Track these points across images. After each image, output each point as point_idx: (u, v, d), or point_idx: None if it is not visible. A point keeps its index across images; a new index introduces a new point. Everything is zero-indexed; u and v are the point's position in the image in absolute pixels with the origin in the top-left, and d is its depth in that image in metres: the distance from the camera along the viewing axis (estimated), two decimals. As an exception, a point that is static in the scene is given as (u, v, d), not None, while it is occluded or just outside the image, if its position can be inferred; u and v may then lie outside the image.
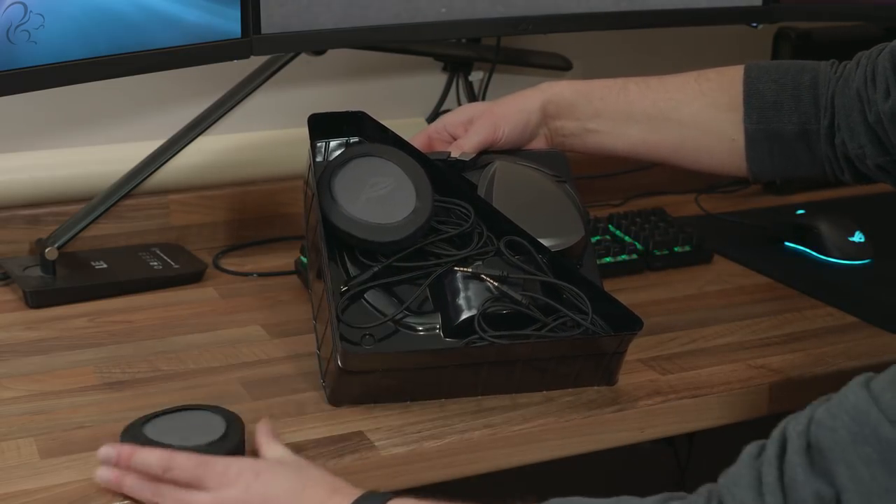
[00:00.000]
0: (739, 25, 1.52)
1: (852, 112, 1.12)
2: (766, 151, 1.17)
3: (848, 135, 1.13)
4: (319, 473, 0.92)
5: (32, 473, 0.95)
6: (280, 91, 1.50)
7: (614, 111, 1.20)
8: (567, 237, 1.12)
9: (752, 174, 1.19)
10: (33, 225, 1.41)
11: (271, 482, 0.90)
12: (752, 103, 1.17)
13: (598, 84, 1.22)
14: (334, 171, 1.09)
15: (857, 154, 1.12)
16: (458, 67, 1.64)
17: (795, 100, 1.16)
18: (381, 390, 1.05)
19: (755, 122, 1.16)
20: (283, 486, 0.90)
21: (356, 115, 1.17)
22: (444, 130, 1.21)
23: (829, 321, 1.28)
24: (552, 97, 1.21)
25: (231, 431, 0.96)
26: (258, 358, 1.17)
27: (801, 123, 1.15)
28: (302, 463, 0.93)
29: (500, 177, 1.14)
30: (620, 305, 1.08)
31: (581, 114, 1.20)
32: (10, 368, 1.14)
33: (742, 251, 1.46)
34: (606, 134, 1.21)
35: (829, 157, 1.15)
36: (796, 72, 1.17)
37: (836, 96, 1.14)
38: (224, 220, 1.50)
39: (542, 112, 1.21)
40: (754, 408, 1.14)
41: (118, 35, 1.14)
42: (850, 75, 1.14)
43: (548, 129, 1.22)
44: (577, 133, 1.21)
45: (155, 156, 1.38)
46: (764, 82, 1.17)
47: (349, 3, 1.28)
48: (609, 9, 1.42)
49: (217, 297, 1.33)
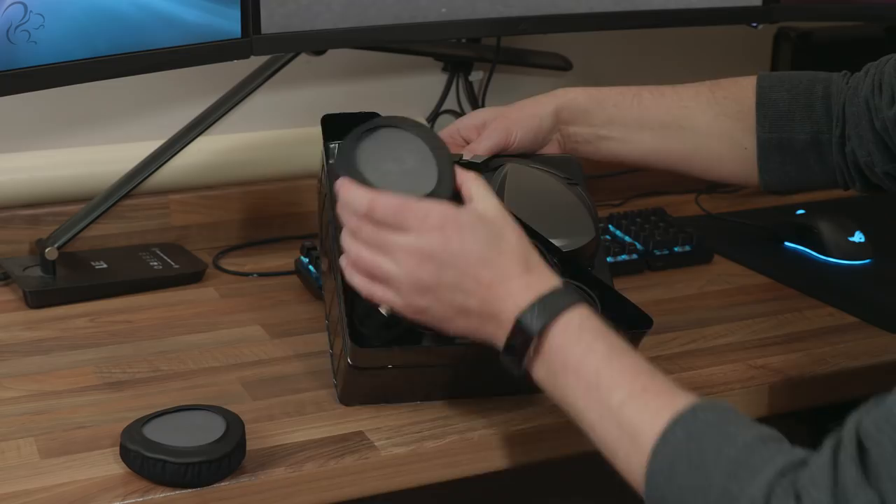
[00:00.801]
0: (739, 25, 1.52)
1: (861, 120, 1.13)
2: (777, 160, 1.17)
3: (857, 143, 1.13)
4: (516, 242, 0.93)
5: (32, 473, 0.95)
6: (280, 91, 1.50)
7: (627, 118, 1.20)
8: (578, 238, 1.12)
9: (764, 183, 1.19)
10: (33, 225, 1.41)
11: (469, 239, 0.91)
12: (765, 112, 1.17)
13: (612, 91, 1.22)
14: (358, 140, 1.03)
15: (866, 162, 1.13)
16: (458, 67, 1.64)
17: (808, 109, 1.16)
18: (390, 390, 1.05)
19: (767, 130, 1.17)
20: (478, 246, 0.91)
21: (369, 116, 1.17)
22: (457, 134, 1.21)
23: (829, 321, 1.28)
24: (566, 103, 1.21)
25: (231, 431, 0.96)
26: (258, 358, 1.17)
27: (813, 133, 1.16)
28: (502, 224, 0.93)
29: (511, 178, 1.14)
30: (631, 305, 1.07)
31: (595, 120, 1.21)
32: (10, 368, 1.14)
33: (742, 251, 1.46)
34: (619, 141, 1.21)
35: (840, 167, 1.16)
36: (809, 82, 1.18)
37: (847, 105, 1.15)
38: (224, 220, 1.50)
39: (555, 117, 1.21)
40: (754, 408, 1.14)
41: (118, 35, 1.14)
42: (859, 84, 1.15)
43: (561, 134, 1.22)
44: (591, 139, 1.21)
45: (155, 156, 1.38)
46: (777, 92, 1.18)
47: (349, 3, 1.28)
48: (609, 9, 1.42)
49: (217, 297, 1.33)
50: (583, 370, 0.87)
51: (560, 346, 0.88)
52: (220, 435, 0.95)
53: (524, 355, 0.89)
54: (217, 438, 0.95)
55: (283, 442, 1.00)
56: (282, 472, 0.96)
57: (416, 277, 0.92)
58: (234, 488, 0.94)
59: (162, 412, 0.99)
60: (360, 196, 0.94)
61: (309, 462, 0.98)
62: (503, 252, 0.92)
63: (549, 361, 0.89)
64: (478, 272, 0.91)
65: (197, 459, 0.93)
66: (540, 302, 0.89)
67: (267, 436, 1.01)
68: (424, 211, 0.92)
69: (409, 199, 0.93)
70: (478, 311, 0.92)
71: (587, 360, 0.87)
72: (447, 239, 0.91)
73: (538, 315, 0.88)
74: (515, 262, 0.92)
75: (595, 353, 0.87)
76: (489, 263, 0.91)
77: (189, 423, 0.98)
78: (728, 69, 1.82)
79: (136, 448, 0.93)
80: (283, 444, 1.00)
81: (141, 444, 0.93)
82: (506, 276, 0.91)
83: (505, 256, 0.92)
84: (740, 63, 1.82)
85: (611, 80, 1.75)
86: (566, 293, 0.90)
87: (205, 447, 0.93)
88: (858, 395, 1.21)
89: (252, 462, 0.97)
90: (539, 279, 0.91)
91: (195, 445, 0.93)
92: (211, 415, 0.98)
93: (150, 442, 0.94)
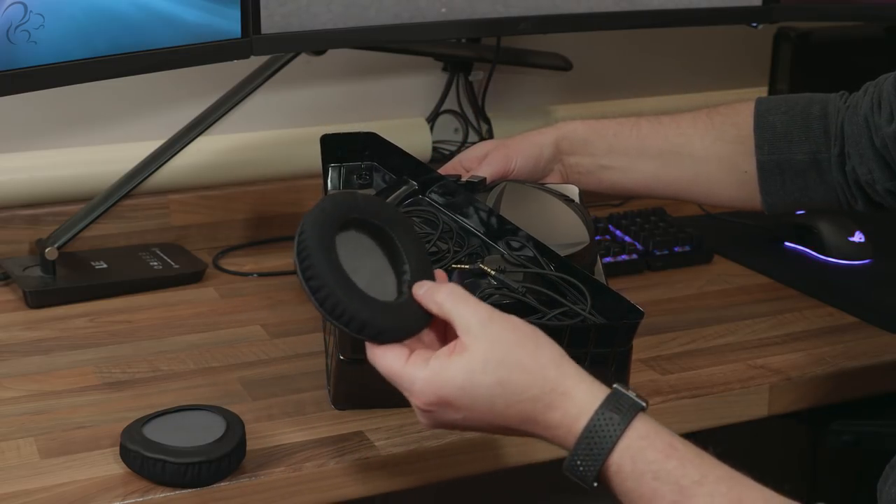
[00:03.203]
0: (739, 25, 1.52)
1: (861, 139, 1.13)
2: (778, 182, 1.18)
3: (857, 161, 1.14)
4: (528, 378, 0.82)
5: (32, 473, 0.95)
6: (280, 91, 1.50)
7: (627, 147, 1.21)
8: (572, 244, 1.12)
9: (766, 205, 1.19)
10: (33, 225, 1.41)
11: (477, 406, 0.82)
12: (763, 135, 1.18)
13: (611, 122, 1.23)
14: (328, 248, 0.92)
15: (867, 180, 1.13)
16: (458, 67, 1.64)
17: (805, 130, 1.17)
18: (381, 392, 1.04)
19: (767, 153, 1.17)
20: (488, 405, 0.82)
21: (368, 136, 1.18)
22: (459, 165, 1.22)
23: (829, 321, 1.28)
24: (566, 133, 1.22)
25: (231, 431, 0.96)
26: (258, 358, 1.17)
27: (811, 153, 1.16)
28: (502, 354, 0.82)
29: (508, 192, 1.15)
30: (623, 299, 1.07)
31: (595, 150, 1.21)
32: (10, 368, 1.14)
33: (742, 251, 1.46)
34: (620, 170, 1.22)
35: (841, 186, 1.16)
36: (806, 103, 1.19)
37: (846, 124, 1.15)
38: (224, 220, 1.50)
39: (555, 147, 1.21)
40: (754, 408, 1.14)
41: (118, 35, 1.14)
42: (857, 103, 1.15)
43: (563, 165, 1.22)
44: (592, 170, 1.22)
45: (155, 156, 1.38)
46: (774, 114, 1.18)
47: (349, 3, 1.28)
48: (609, 9, 1.42)
49: (217, 297, 1.33)
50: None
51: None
52: (220, 435, 0.95)
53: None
54: (217, 438, 0.95)
55: (282, 442, 1.00)
56: (282, 472, 0.96)
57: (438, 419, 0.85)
58: (234, 488, 0.94)
59: (162, 412, 0.99)
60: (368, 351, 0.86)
61: (309, 462, 0.98)
62: (522, 400, 0.82)
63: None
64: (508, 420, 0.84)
65: (197, 459, 0.93)
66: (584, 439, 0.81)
67: (267, 436, 1.01)
68: (409, 381, 0.84)
69: (395, 366, 0.84)
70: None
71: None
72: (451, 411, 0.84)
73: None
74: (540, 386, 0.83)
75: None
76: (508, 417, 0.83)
77: (189, 423, 0.98)
78: (728, 69, 1.84)
79: (135, 448, 0.93)
80: (283, 444, 1.00)
81: (141, 444, 0.94)
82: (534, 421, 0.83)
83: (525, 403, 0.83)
84: (740, 63, 1.83)
85: (611, 80, 1.76)
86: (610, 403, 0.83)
87: (205, 447, 0.93)
88: (858, 396, 1.22)
89: (252, 462, 0.97)
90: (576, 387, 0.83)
91: (195, 445, 0.93)
92: (211, 415, 0.99)
93: (150, 442, 0.94)
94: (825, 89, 1.21)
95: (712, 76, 1.83)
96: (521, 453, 1.04)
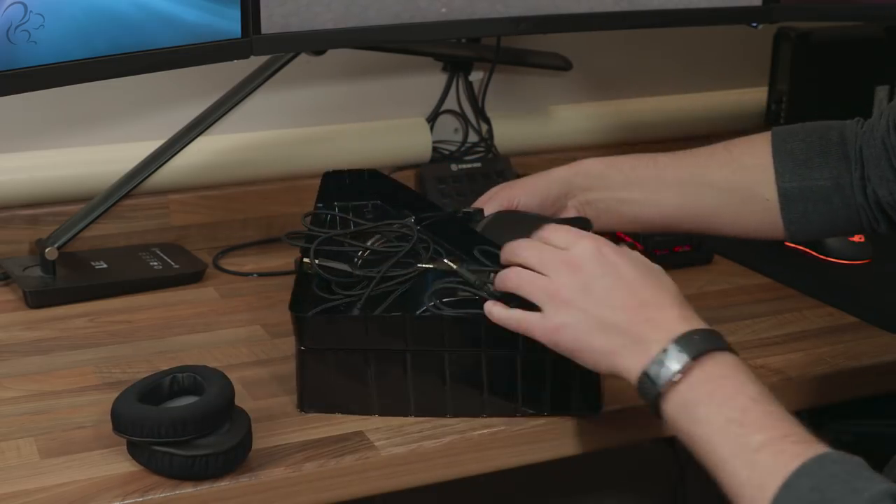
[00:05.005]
0: (739, 25, 1.52)
1: (880, 161, 1.13)
2: (801, 209, 1.17)
3: (878, 183, 1.14)
4: (672, 282, 0.95)
5: (32, 473, 0.95)
6: (280, 91, 1.50)
7: (646, 179, 1.20)
8: None
9: (790, 233, 1.18)
10: (33, 225, 1.41)
11: (626, 260, 0.94)
12: (784, 163, 1.17)
13: (627, 157, 1.22)
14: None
15: (889, 202, 1.13)
16: (458, 67, 1.64)
17: (825, 155, 1.16)
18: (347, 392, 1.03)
19: (788, 180, 1.16)
20: (635, 268, 0.94)
21: (373, 174, 1.19)
22: None
23: (829, 321, 1.28)
24: (581, 170, 1.21)
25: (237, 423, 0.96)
26: (258, 358, 1.17)
27: (833, 178, 1.16)
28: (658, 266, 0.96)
29: (496, 216, 1.14)
30: None
31: (612, 183, 1.20)
32: (10, 368, 1.14)
33: (742, 251, 1.46)
34: (640, 203, 1.20)
35: (864, 209, 1.16)
36: (823, 129, 1.18)
37: (864, 148, 1.15)
38: (224, 220, 1.50)
39: (567, 184, 1.20)
40: (754, 408, 1.14)
41: (118, 35, 1.14)
42: (874, 126, 1.15)
43: (577, 201, 1.20)
44: (611, 204, 1.20)
45: (155, 156, 1.38)
46: (792, 142, 1.18)
47: (349, 3, 1.28)
48: (609, 9, 1.42)
49: (217, 297, 1.33)
50: (728, 405, 0.85)
51: (712, 377, 0.87)
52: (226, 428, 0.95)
53: (669, 379, 0.87)
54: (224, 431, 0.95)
55: (283, 442, 1.00)
56: (282, 472, 0.96)
57: (565, 285, 0.93)
58: (234, 488, 0.94)
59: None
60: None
61: (309, 462, 0.98)
62: (661, 282, 0.94)
63: (695, 390, 0.87)
64: (633, 288, 0.92)
65: (205, 452, 0.93)
66: (699, 333, 0.89)
67: (267, 436, 1.01)
68: (578, 231, 0.96)
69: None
70: (623, 329, 0.91)
71: (737, 397, 0.85)
72: (603, 254, 0.93)
73: (699, 342, 0.88)
74: (672, 295, 0.93)
75: (745, 393, 0.86)
76: (646, 285, 0.92)
77: None
78: (728, 69, 1.84)
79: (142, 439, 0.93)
80: (283, 444, 1.00)
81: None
82: (662, 303, 0.91)
83: (662, 286, 0.93)
84: (740, 63, 1.83)
85: (611, 80, 1.76)
86: (722, 337, 0.90)
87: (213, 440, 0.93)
88: (858, 396, 1.22)
89: (252, 462, 0.97)
90: (695, 317, 0.91)
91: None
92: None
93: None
94: (825, 89, 1.21)
95: (712, 76, 1.83)
96: (521, 453, 1.04)
